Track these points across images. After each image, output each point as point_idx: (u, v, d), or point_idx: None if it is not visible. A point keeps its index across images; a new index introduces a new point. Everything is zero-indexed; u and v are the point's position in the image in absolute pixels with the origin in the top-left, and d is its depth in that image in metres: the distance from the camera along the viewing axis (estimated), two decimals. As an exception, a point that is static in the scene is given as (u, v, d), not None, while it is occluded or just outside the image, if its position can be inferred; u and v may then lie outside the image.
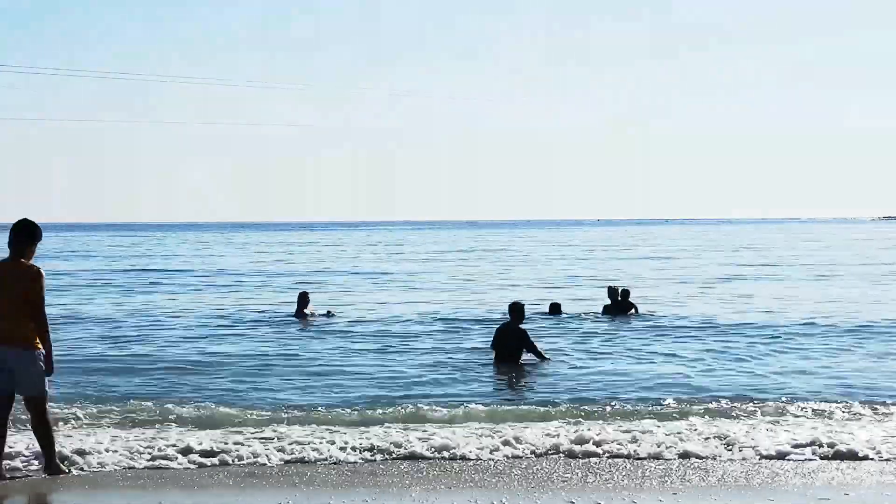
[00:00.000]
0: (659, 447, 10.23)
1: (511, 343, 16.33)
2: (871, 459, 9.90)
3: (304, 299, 23.98)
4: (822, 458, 9.98)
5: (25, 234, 9.22)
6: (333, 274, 45.00)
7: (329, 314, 24.02)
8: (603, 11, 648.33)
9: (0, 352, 9.09)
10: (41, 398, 9.27)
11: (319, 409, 12.64)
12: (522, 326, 16.56)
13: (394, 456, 10.10)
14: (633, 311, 23.43)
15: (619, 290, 23.92)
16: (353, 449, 10.27)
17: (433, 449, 10.23)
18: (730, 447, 10.25)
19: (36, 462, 9.71)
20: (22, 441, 10.24)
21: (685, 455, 10.01)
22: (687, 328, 21.68)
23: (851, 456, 9.98)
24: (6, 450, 9.54)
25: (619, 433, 10.77)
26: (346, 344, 19.47)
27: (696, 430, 10.99)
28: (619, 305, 23.54)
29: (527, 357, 16.37)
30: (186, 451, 10.15)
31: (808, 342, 19.37)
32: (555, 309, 23.63)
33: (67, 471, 9.54)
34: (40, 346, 9.18)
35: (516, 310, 16.49)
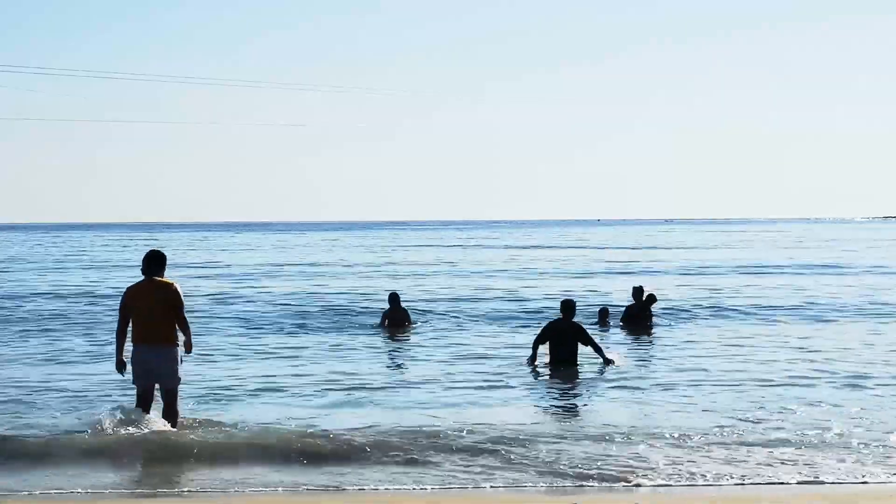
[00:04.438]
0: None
1: (570, 341, 16.73)
2: None
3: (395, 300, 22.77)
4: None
5: (156, 261, 11.51)
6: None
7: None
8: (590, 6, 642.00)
9: (146, 349, 11.31)
10: (174, 389, 11.50)
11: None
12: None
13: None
14: (652, 300, 23.36)
15: (644, 291, 23.55)
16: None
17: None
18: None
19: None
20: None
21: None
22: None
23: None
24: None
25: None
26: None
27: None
28: (643, 307, 23.33)
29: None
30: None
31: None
32: (604, 314, 23.59)
33: None
34: (179, 344, 11.41)
35: (569, 307, 16.93)
